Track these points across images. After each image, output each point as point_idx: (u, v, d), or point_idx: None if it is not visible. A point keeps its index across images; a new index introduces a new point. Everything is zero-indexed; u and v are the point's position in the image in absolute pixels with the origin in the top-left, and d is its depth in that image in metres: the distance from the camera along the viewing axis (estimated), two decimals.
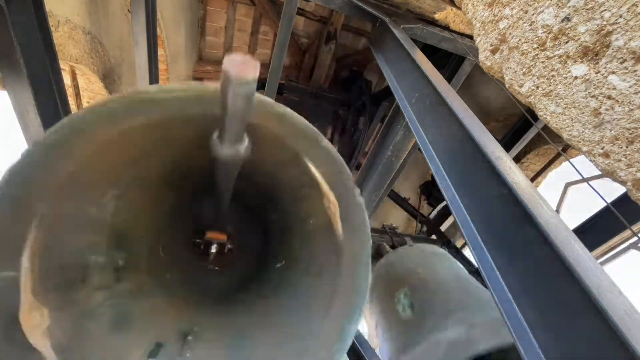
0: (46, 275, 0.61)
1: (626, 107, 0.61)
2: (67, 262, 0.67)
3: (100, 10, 2.44)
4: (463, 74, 2.02)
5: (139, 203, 0.84)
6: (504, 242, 0.73)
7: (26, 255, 0.56)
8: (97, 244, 0.74)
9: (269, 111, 0.63)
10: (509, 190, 0.72)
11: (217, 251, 1.06)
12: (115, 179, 0.70)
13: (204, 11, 4.10)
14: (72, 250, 0.68)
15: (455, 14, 1.75)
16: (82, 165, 0.59)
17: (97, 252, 0.74)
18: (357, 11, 1.77)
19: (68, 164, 0.56)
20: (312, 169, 0.70)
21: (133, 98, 0.56)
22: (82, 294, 0.70)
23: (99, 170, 0.64)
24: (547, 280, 0.61)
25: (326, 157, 0.69)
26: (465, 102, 1.00)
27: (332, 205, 0.72)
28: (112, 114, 0.56)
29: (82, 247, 0.71)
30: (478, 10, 1.01)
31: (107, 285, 0.76)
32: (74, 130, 0.55)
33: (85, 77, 2.54)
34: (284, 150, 0.69)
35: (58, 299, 0.64)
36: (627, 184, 0.65)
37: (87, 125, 0.55)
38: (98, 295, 0.73)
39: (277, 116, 0.63)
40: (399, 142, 2.17)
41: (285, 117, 0.64)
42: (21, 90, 1.35)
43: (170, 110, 0.58)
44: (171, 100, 0.57)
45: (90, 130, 0.56)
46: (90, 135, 0.56)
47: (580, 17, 0.68)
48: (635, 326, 0.49)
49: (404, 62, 1.36)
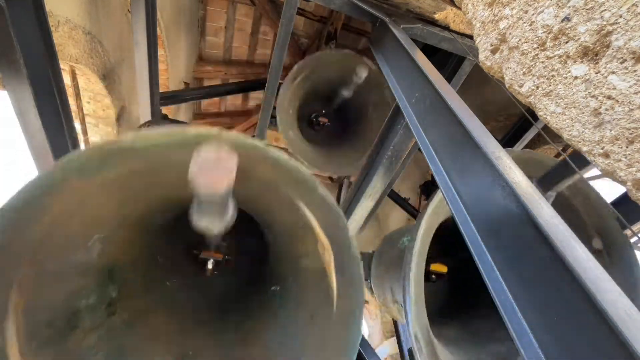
0: (33, 333, 0.58)
1: (626, 107, 0.61)
2: (54, 315, 0.64)
3: (100, 10, 2.44)
4: (463, 74, 2.02)
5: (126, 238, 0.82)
6: (503, 242, 0.73)
7: (10, 320, 0.53)
8: (86, 287, 0.72)
9: (261, 157, 0.58)
10: (509, 190, 0.72)
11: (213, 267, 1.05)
12: (98, 224, 0.68)
13: (204, 11, 4.10)
14: (58, 301, 0.65)
15: (455, 14, 1.75)
16: (59, 219, 0.56)
17: (87, 295, 0.72)
18: (357, 11, 1.77)
19: (44, 221, 0.54)
20: (308, 214, 0.68)
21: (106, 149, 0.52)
22: (74, 341, 0.68)
23: (78, 220, 0.61)
24: (547, 280, 0.61)
25: (322, 205, 0.66)
26: (465, 102, 1.00)
27: (327, 253, 0.70)
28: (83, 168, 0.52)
29: (70, 295, 0.68)
30: (478, 10, 1.01)
31: (101, 323, 0.74)
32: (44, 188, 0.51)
33: (85, 77, 2.54)
34: (278, 195, 0.66)
35: (48, 355, 0.62)
36: (627, 184, 0.65)
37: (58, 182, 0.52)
38: (91, 337, 0.71)
39: (271, 161, 0.59)
40: (399, 142, 2.17)
41: (279, 162, 0.60)
42: (21, 90, 1.34)
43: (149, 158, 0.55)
44: (148, 148, 0.53)
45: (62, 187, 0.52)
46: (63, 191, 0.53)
47: (580, 17, 0.68)
48: (635, 326, 0.49)
49: (404, 62, 1.36)
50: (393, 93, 1.40)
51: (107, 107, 2.76)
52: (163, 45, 3.51)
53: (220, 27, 4.29)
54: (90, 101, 2.74)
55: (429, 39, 1.78)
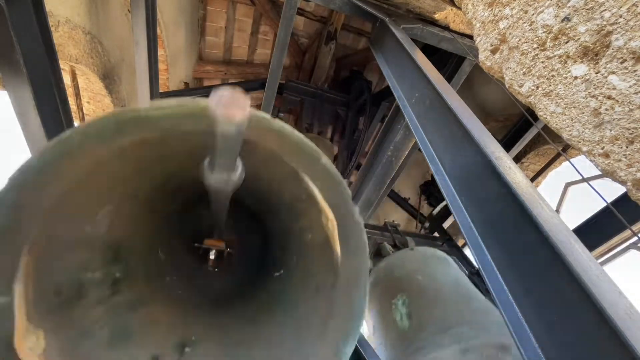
0: (40, 298, 0.60)
1: (626, 107, 0.61)
2: (61, 283, 0.65)
3: (100, 10, 2.44)
4: (463, 74, 2.02)
5: (134, 215, 0.83)
6: (504, 242, 0.73)
7: (19, 280, 0.55)
8: (93, 261, 0.73)
9: (266, 128, 0.60)
10: (509, 190, 0.72)
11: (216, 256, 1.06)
12: (109, 196, 0.69)
13: (204, 11, 4.10)
14: (66, 270, 0.67)
15: (455, 14, 1.75)
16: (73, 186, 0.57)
17: (93, 269, 0.73)
18: (357, 11, 1.77)
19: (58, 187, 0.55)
20: (311, 186, 0.69)
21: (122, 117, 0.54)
22: (78, 312, 0.69)
23: (91, 189, 0.62)
24: (547, 280, 0.61)
25: (325, 175, 0.67)
26: (465, 102, 1.00)
27: (331, 223, 0.71)
28: (100, 134, 0.54)
29: (77, 266, 0.70)
30: (478, 10, 1.01)
31: (105, 300, 0.75)
32: (62, 152, 0.53)
33: (85, 77, 2.54)
34: (282, 167, 0.67)
35: (54, 321, 0.63)
36: (627, 184, 0.65)
37: (76, 147, 0.53)
38: (95, 311, 0.72)
39: (274, 133, 0.61)
40: (399, 142, 2.17)
41: (283, 133, 0.61)
42: (21, 90, 1.34)
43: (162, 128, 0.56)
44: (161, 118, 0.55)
45: (78, 152, 0.54)
46: (80, 156, 0.54)
47: (580, 17, 0.68)
48: (635, 326, 0.49)
49: (404, 62, 1.36)
50: (393, 93, 1.40)
51: (107, 107, 2.76)
52: (163, 45, 3.51)
53: (220, 27, 4.29)
54: (90, 101, 2.74)
55: (429, 39, 1.78)
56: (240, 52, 4.63)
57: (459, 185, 0.90)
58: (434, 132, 1.06)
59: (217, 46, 4.49)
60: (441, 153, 1.00)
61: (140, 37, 2.09)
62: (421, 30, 1.73)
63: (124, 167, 0.64)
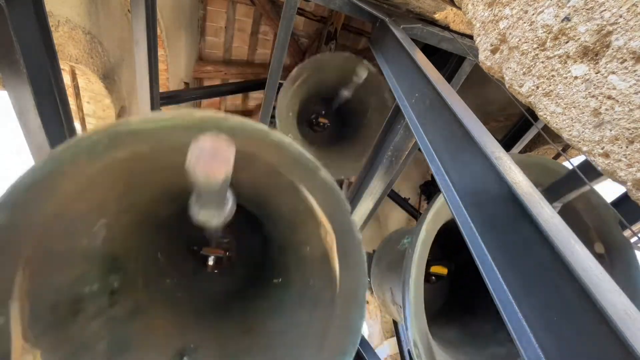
0: (37, 317, 0.59)
1: (626, 107, 0.61)
2: (58, 299, 0.64)
3: (100, 10, 2.44)
4: (463, 74, 2.02)
5: (131, 225, 0.82)
6: (504, 242, 0.73)
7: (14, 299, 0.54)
8: (90, 273, 0.72)
9: (264, 140, 0.59)
10: (509, 190, 0.72)
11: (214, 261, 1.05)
12: (104, 208, 0.68)
13: (204, 11, 4.09)
14: (62, 285, 0.65)
15: (455, 14, 1.75)
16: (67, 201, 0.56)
17: (90, 281, 0.72)
18: (357, 11, 1.77)
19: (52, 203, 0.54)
20: (309, 198, 0.68)
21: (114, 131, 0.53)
22: (75, 327, 0.68)
23: (85, 203, 0.61)
24: (547, 280, 0.61)
25: (324, 188, 0.65)
26: (465, 102, 1.00)
27: (329, 237, 0.70)
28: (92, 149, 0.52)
29: (74, 280, 0.69)
30: (478, 10, 1.01)
31: (103, 312, 0.74)
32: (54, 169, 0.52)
33: (85, 77, 2.54)
34: (280, 179, 0.66)
35: (50, 339, 0.62)
36: (627, 184, 0.65)
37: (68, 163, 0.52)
38: (93, 325, 0.71)
39: (273, 145, 0.60)
40: (399, 142, 2.17)
41: (281, 146, 0.60)
42: (21, 90, 1.34)
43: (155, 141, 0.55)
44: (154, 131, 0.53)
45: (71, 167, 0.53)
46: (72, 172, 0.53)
47: (580, 17, 0.68)
48: (635, 326, 0.49)
49: (404, 62, 1.36)
50: (393, 93, 1.40)
51: (107, 107, 2.76)
52: (163, 45, 3.51)
53: (220, 27, 4.29)
54: (90, 101, 2.74)
55: (429, 39, 1.78)
56: (240, 52, 4.62)
57: (458, 186, 0.90)
58: (434, 132, 1.06)
59: (217, 46, 4.49)
60: (441, 153, 1.00)
61: (140, 37, 2.08)
62: (421, 30, 1.73)
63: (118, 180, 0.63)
